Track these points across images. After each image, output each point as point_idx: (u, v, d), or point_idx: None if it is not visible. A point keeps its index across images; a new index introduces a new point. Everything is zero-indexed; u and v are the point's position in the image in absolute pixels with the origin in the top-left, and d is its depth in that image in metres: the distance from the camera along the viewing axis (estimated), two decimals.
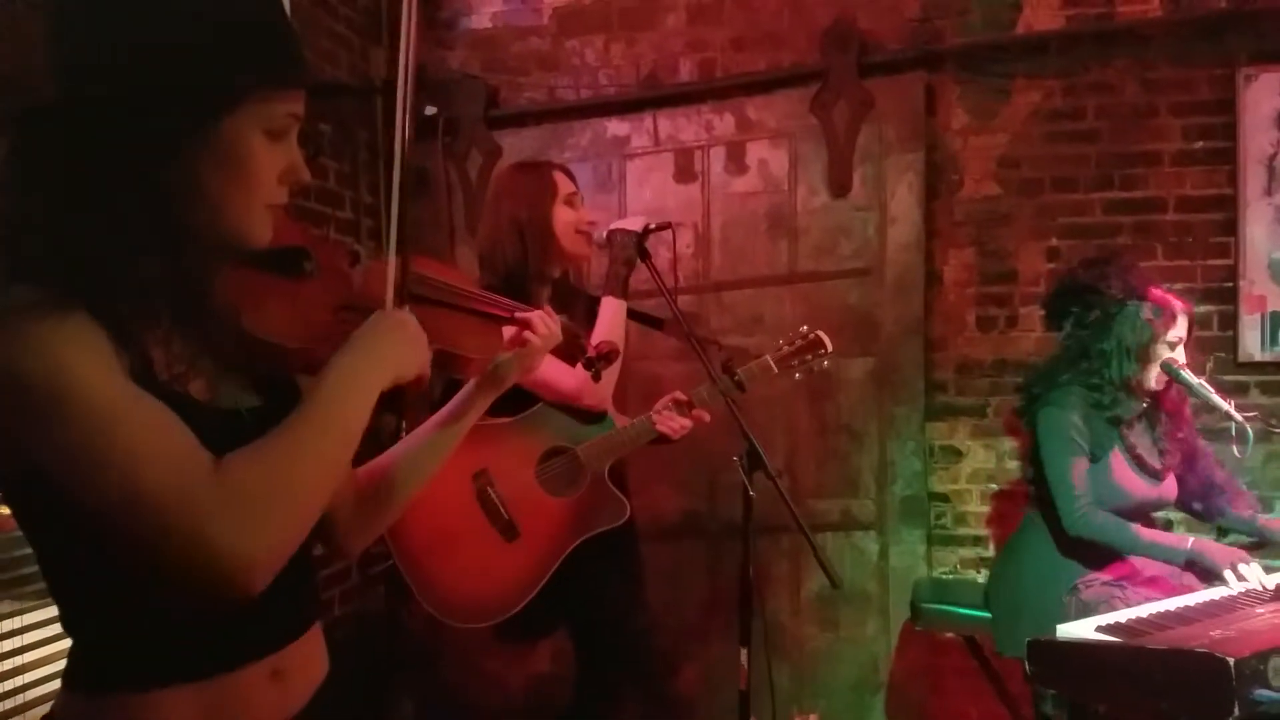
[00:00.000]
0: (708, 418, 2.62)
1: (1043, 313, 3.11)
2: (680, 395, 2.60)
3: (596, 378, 1.88)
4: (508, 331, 1.58)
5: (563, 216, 2.63)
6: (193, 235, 1.10)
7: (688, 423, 2.60)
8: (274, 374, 1.25)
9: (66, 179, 1.04)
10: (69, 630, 1.16)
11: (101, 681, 1.12)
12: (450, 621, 2.49)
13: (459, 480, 2.51)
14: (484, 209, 2.87)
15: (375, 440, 1.41)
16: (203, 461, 1.01)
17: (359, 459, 1.45)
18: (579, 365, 1.88)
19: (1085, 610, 2.62)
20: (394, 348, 1.21)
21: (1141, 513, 2.79)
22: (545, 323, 1.58)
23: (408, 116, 1.29)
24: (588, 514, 2.56)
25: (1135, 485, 2.78)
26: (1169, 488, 2.86)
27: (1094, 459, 2.77)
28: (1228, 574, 2.52)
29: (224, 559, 0.98)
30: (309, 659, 1.27)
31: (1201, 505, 2.95)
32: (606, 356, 1.84)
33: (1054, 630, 2.45)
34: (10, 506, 1.10)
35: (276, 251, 1.21)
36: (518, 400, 2.51)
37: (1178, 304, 2.80)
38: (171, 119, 1.06)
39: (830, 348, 2.65)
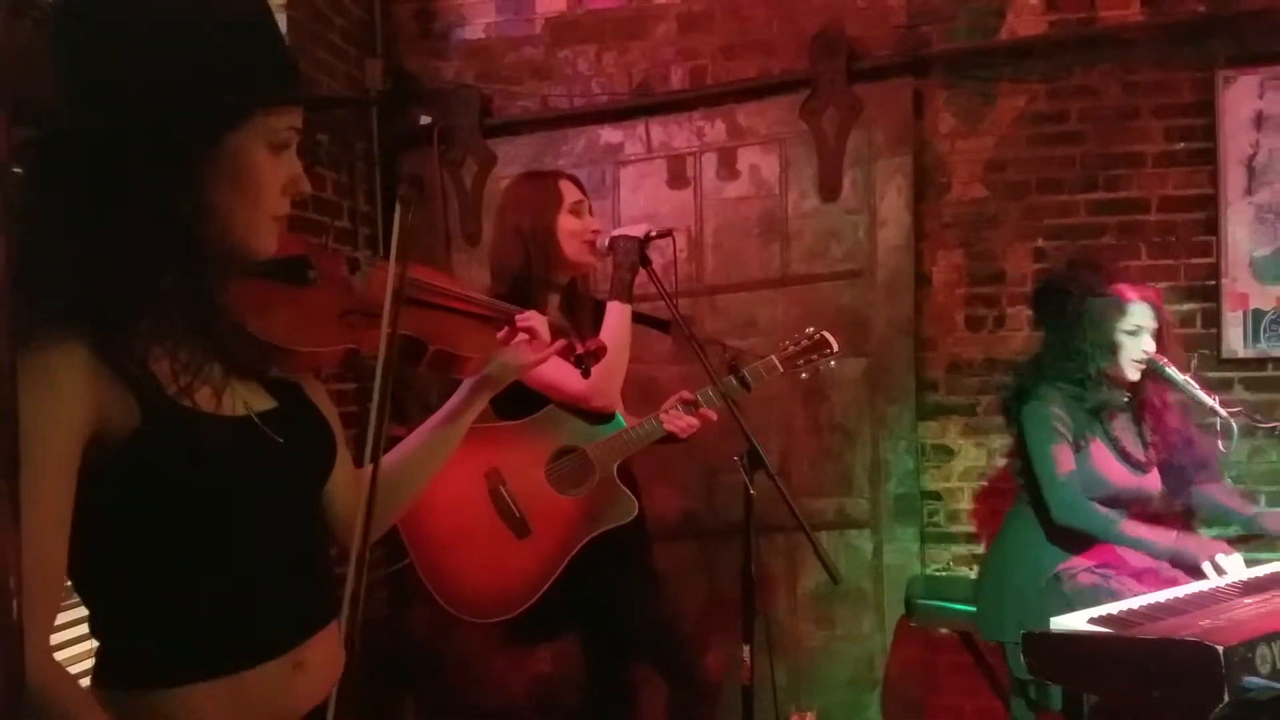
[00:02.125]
0: (714, 417, 2.66)
1: (1030, 313, 3.20)
2: (687, 395, 2.64)
3: (586, 374, 1.93)
4: (502, 332, 1.63)
5: (567, 225, 2.67)
6: (202, 248, 1.14)
7: (695, 421, 2.64)
8: (284, 377, 1.29)
9: (78, 203, 1.08)
10: (96, 633, 1.19)
11: (130, 679, 1.15)
12: (465, 617, 2.53)
13: (473, 480, 2.56)
14: (493, 219, 2.91)
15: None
16: (40, 641, 1.03)
17: (363, 460, 1.50)
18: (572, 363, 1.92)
19: (1069, 598, 2.68)
20: None
21: (1123, 502, 2.85)
22: (536, 321, 1.63)
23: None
24: (598, 511, 2.60)
25: (1117, 474, 2.84)
26: (1152, 480, 2.91)
27: (1076, 448, 2.84)
28: (1206, 566, 2.58)
29: None
30: (329, 652, 1.31)
31: (1180, 492, 3.00)
32: (594, 353, 1.89)
33: (1034, 616, 2.53)
34: None
35: (280, 261, 1.26)
36: (530, 404, 2.57)
37: (1130, 293, 2.86)
38: (178, 140, 1.10)
39: (836, 347, 2.70)
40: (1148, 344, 2.83)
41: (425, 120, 3.92)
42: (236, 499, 1.17)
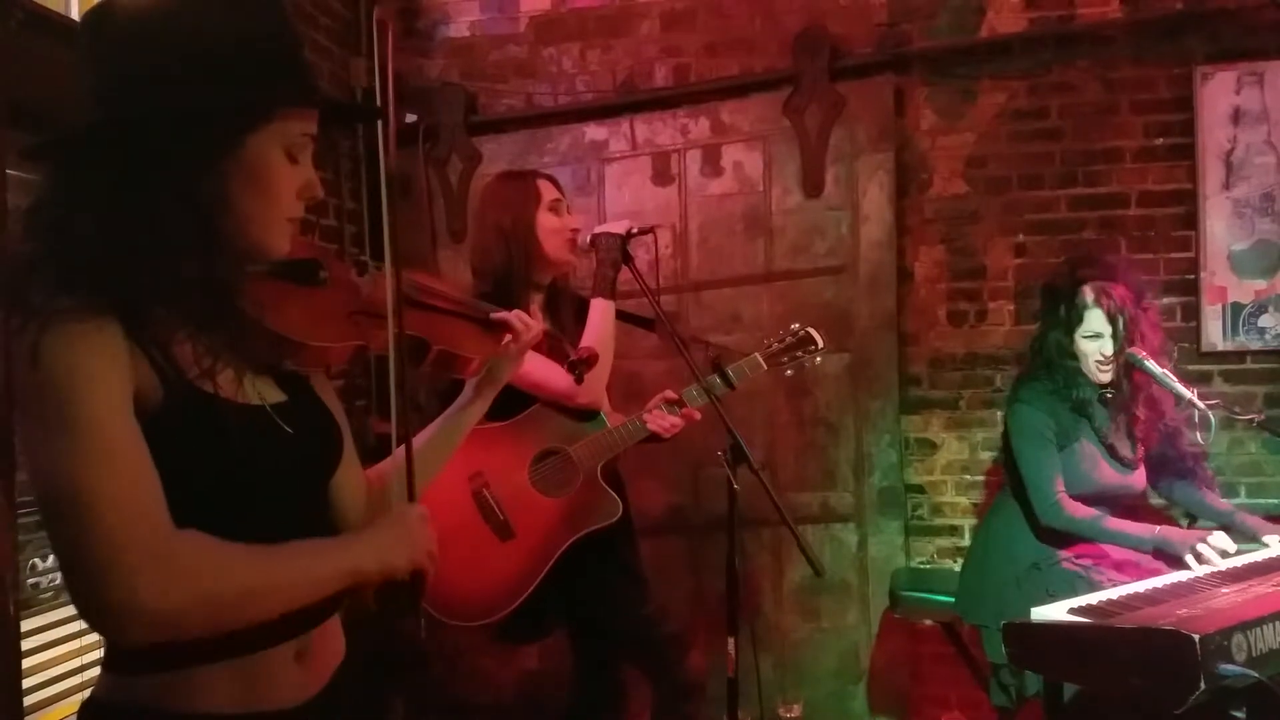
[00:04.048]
0: (698, 416, 2.67)
1: (1012, 307, 3.24)
2: (670, 394, 2.65)
3: (579, 380, 1.95)
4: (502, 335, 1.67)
5: (546, 223, 2.67)
6: (221, 242, 1.20)
7: (679, 421, 2.65)
8: (295, 369, 1.34)
9: (107, 194, 1.14)
10: None
11: (138, 663, 1.18)
12: (449, 621, 2.54)
13: (456, 483, 2.56)
14: (471, 219, 2.91)
15: (360, 444, 1.49)
16: (160, 521, 1.09)
17: (365, 462, 1.53)
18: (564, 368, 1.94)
19: (1049, 588, 2.73)
20: (389, 541, 1.30)
21: (1109, 499, 2.89)
22: (523, 321, 1.67)
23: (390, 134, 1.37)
24: (581, 513, 2.61)
25: (1105, 473, 2.88)
26: (1139, 477, 2.95)
27: (1061, 447, 2.87)
28: (1189, 558, 2.62)
29: (120, 604, 1.05)
30: (329, 642, 1.34)
31: (1165, 487, 3.05)
32: (587, 361, 1.91)
33: (1014, 603, 2.57)
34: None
35: (294, 262, 1.31)
36: (516, 403, 2.56)
37: (1089, 295, 2.85)
38: (202, 138, 1.16)
39: (822, 343, 2.72)
40: (1105, 348, 2.84)
41: (410, 118, 3.93)
42: (246, 485, 1.20)
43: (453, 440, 1.66)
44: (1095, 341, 2.85)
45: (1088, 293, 2.86)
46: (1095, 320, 2.84)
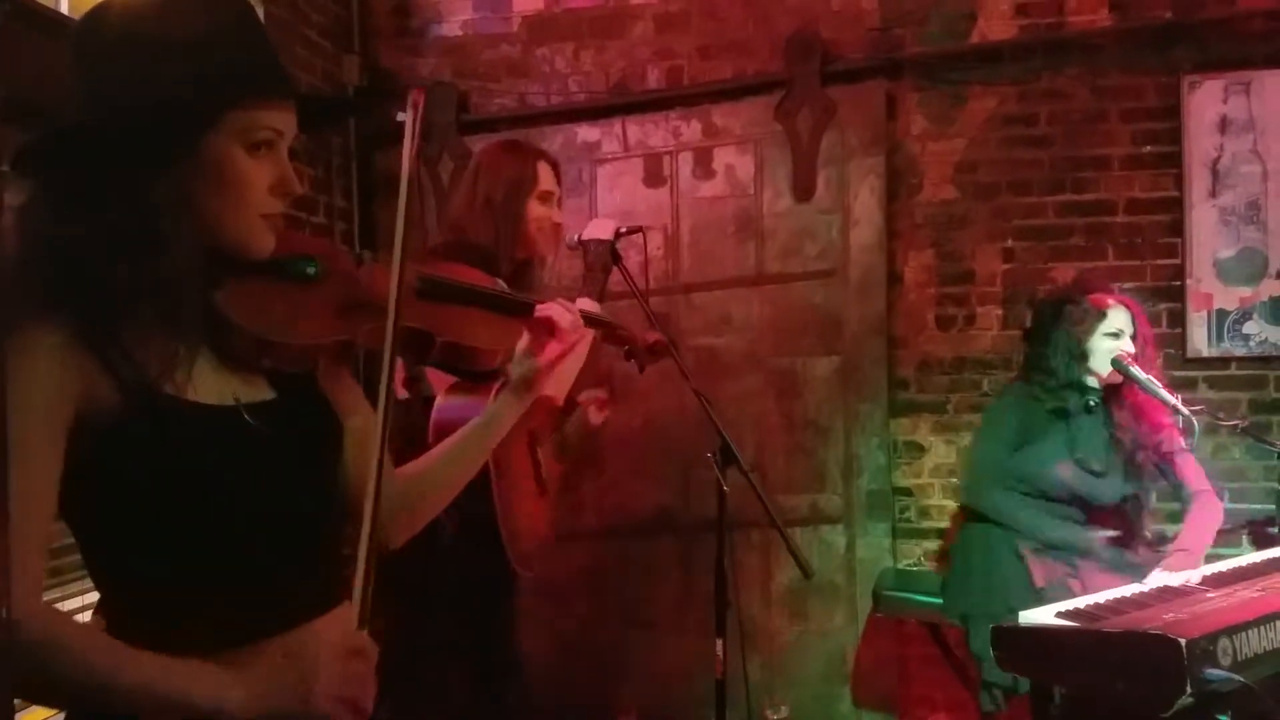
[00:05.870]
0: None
1: (1000, 312, 3.27)
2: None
3: (640, 369, 1.88)
4: (527, 331, 1.56)
5: (535, 212, 2.57)
6: (184, 244, 1.17)
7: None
8: (278, 369, 1.30)
9: (66, 199, 1.14)
10: (102, 610, 1.23)
11: None
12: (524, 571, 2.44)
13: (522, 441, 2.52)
14: (461, 180, 2.78)
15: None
16: (22, 591, 1.03)
17: (397, 460, 1.49)
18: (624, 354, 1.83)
19: (1037, 590, 2.76)
20: (275, 687, 1.15)
21: (1078, 503, 2.90)
22: (555, 311, 1.52)
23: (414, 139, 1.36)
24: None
25: (1068, 476, 2.87)
26: (1108, 487, 2.94)
27: (1023, 443, 2.90)
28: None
29: None
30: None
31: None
32: (652, 348, 1.81)
33: (998, 592, 2.70)
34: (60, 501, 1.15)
35: (281, 260, 1.28)
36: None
37: (1109, 299, 2.89)
38: (157, 138, 1.14)
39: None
40: (1127, 345, 2.87)
41: (402, 117, 3.91)
42: (220, 485, 1.18)
43: (477, 447, 1.54)
44: (1119, 339, 2.87)
45: (1106, 299, 2.90)
46: (1119, 318, 2.87)
